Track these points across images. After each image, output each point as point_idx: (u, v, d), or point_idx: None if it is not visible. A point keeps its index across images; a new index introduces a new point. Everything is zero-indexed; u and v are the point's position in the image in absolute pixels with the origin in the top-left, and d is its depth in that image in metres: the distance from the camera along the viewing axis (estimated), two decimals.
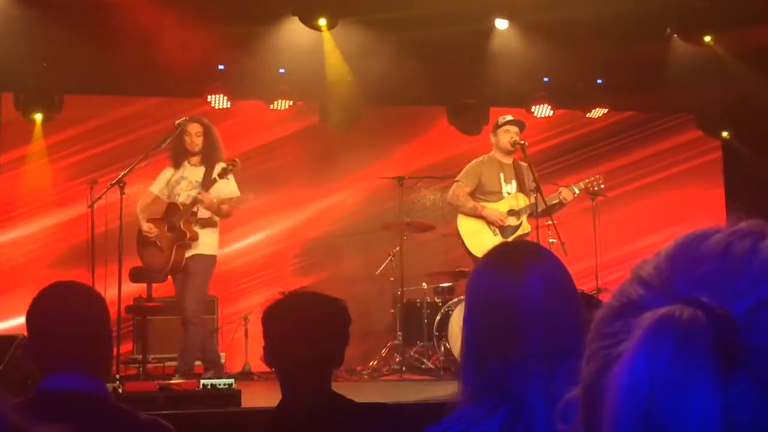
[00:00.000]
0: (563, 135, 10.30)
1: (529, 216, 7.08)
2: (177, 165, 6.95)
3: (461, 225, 7.16)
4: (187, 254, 6.79)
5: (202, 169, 6.92)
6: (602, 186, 7.41)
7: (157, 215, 6.97)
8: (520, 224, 7.05)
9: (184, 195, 6.85)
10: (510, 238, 6.92)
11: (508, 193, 7.10)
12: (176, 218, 6.78)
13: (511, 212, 7.06)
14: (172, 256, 6.73)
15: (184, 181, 6.90)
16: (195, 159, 6.94)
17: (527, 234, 7.00)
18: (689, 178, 10.65)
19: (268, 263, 9.49)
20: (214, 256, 6.93)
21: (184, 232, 6.76)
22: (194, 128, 6.93)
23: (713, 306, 0.62)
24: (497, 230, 7.06)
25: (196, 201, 6.72)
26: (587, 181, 7.31)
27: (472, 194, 7.19)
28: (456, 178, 7.29)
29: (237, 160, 6.92)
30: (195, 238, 6.80)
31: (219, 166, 6.82)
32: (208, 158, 6.91)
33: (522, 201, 7.05)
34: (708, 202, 10.59)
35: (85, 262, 6.81)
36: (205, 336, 7.08)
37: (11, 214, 9.00)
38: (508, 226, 7.04)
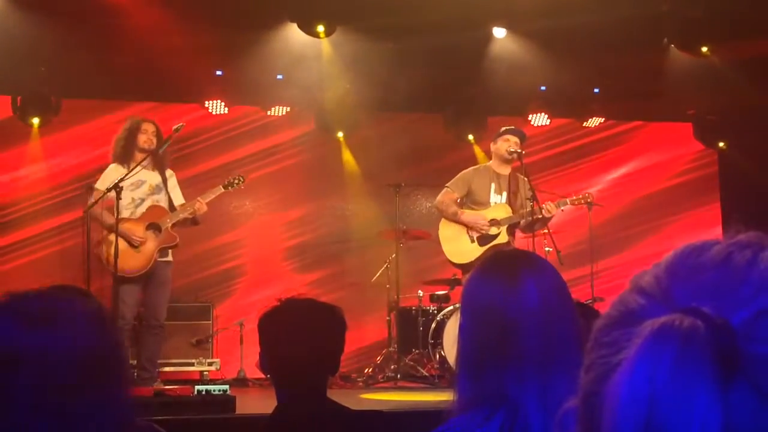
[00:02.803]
0: (561, 146, 10.31)
1: (510, 228, 7.08)
2: (125, 164, 6.77)
3: (441, 230, 7.23)
4: (160, 259, 6.78)
5: (156, 174, 6.86)
6: (591, 201, 7.36)
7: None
8: (498, 234, 7.06)
9: (150, 200, 6.78)
10: (485, 247, 6.97)
11: (495, 203, 7.11)
12: (162, 221, 6.73)
13: (492, 222, 7.07)
14: (153, 260, 6.67)
15: (144, 185, 6.80)
16: (147, 161, 6.81)
17: (505, 245, 6.99)
18: (685, 187, 10.66)
19: (264, 269, 9.48)
20: None
21: (173, 236, 6.78)
22: (150, 127, 6.87)
23: (713, 316, 0.63)
24: (475, 238, 7.09)
25: (191, 208, 6.76)
26: (574, 198, 7.30)
27: (462, 202, 7.20)
28: (447, 184, 7.31)
29: (243, 176, 7.17)
30: (178, 244, 6.86)
31: (170, 174, 6.92)
32: (160, 162, 6.87)
33: (505, 212, 7.07)
34: (704, 211, 10.61)
35: (80, 266, 6.80)
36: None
37: (7, 217, 8.98)
38: (486, 235, 7.06)
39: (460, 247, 7.06)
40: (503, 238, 7.03)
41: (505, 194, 7.12)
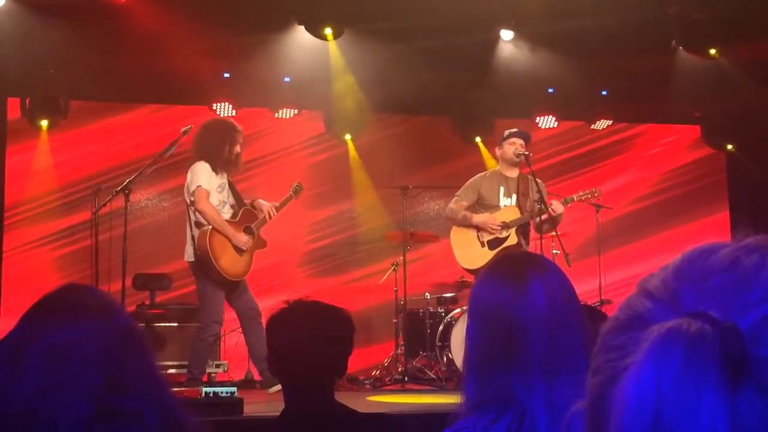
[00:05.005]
0: (568, 151, 10.29)
1: (523, 229, 7.06)
2: (216, 170, 6.70)
3: (453, 236, 7.22)
4: None
5: (226, 177, 6.83)
6: (598, 196, 7.37)
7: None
8: (508, 237, 7.05)
9: (229, 203, 6.78)
10: (496, 251, 6.95)
11: (504, 206, 7.10)
12: (255, 225, 6.77)
13: (501, 224, 7.06)
14: (251, 263, 6.72)
15: (225, 188, 6.77)
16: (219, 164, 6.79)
17: (515, 247, 6.98)
18: (694, 190, 10.63)
19: (272, 272, 9.48)
20: None
21: (264, 241, 6.88)
22: (241, 138, 6.84)
23: (720, 320, 0.63)
24: (485, 242, 7.08)
25: (269, 216, 6.88)
26: (582, 194, 7.28)
27: (473, 208, 7.19)
28: (456, 193, 7.30)
29: (301, 183, 7.35)
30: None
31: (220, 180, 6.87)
32: (227, 166, 6.82)
33: (514, 214, 7.05)
34: (712, 214, 10.58)
35: (89, 268, 6.81)
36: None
37: (16, 218, 9.01)
38: (495, 238, 7.04)
39: (471, 252, 7.04)
40: (513, 239, 7.01)
41: (514, 196, 7.10)
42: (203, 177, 6.53)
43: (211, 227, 6.50)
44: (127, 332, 1.49)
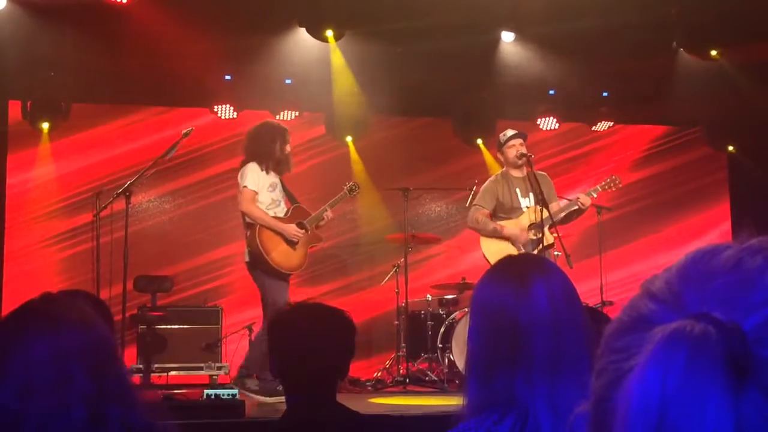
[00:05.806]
0: (569, 151, 10.29)
1: (551, 226, 7.01)
2: (267, 170, 6.71)
3: (485, 246, 7.09)
4: None
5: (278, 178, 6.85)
6: (619, 184, 7.38)
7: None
8: (542, 236, 7.00)
9: (283, 201, 6.80)
10: (535, 252, 6.87)
11: (527, 207, 7.05)
12: (308, 222, 6.81)
13: (532, 226, 7.00)
14: (305, 257, 6.76)
15: (278, 187, 6.77)
16: (268, 164, 6.78)
17: (552, 246, 6.95)
18: (695, 191, 10.63)
19: None
20: None
21: (319, 236, 6.97)
22: (290, 137, 6.87)
23: (724, 321, 0.63)
24: (521, 246, 7.02)
25: (323, 216, 6.92)
26: (604, 183, 7.29)
27: (494, 214, 7.13)
28: (474, 203, 7.23)
29: (357, 183, 7.44)
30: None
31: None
32: (279, 166, 6.81)
33: (540, 213, 7.00)
34: (714, 215, 10.57)
35: (91, 271, 6.81)
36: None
37: (17, 221, 9.01)
38: (531, 240, 6.99)
39: None
40: (549, 239, 6.97)
41: (531, 195, 7.07)
42: (250, 178, 6.60)
43: (259, 225, 6.55)
44: (104, 340, 1.51)
